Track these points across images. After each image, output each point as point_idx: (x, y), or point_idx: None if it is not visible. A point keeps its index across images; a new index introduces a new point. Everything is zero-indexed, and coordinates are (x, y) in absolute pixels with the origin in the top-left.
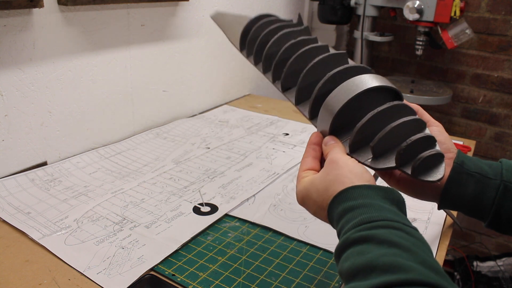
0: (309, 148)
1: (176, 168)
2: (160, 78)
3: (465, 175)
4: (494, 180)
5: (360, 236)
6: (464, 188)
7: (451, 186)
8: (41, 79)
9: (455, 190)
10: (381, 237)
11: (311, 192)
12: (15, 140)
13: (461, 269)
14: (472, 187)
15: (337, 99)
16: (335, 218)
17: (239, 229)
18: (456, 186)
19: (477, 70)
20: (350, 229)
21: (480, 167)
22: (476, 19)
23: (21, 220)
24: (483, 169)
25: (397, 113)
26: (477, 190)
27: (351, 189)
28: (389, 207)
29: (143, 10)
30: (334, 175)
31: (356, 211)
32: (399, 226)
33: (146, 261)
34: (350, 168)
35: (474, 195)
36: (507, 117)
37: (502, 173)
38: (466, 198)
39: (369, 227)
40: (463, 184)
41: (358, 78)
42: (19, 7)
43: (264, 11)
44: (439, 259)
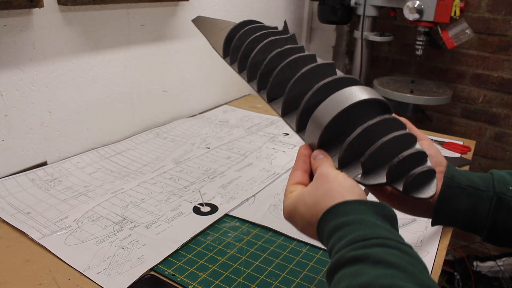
0: (299, 160)
1: (176, 168)
2: (160, 78)
3: (457, 189)
4: (487, 192)
5: (355, 256)
6: (457, 203)
7: (443, 202)
8: (41, 79)
9: (448, 206)
10: (377, 256)
11: (299, 207)
12: (15, 140)
13: (461, 269)
14: (465, 201)
15: (326, 111)
16: (325, 234)
17: (239, 229)
18: (448, 201)
19: (477, 70)
20: (343, 247)
21: (471, 180)
22: (476, 19)
23: (21, 220)
24: (474, 182)
25: (387, 127)
26: (470, 204)
27: (343, 204)
28: (382, 223)
29: (143, 10)
30: (324, 189)
31: (349, 227)
32: (394, 245)
33: (146, 261)
34: (341, 182)
35: (467, 209)
36: (507, 117)
37: (494, 185)
38: (460, 213)
39: (363, 245)
40: (455, 198)
41: (347, 90)
42: (19, 7)
43: (264, 11)
44: (439, 259)
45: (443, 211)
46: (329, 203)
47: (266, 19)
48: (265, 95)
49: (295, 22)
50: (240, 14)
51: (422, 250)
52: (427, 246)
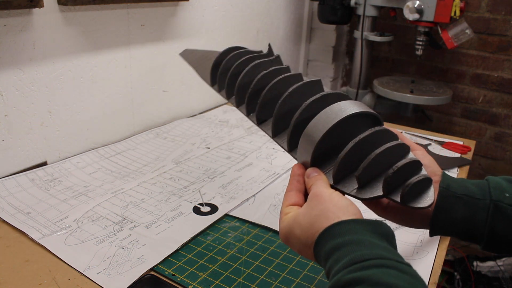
0: (293, 180)
1: (176, 168)
2: (160, 78)
3: (453, 199)
4: (483, 201)
5: (353, 278)
6: (453, 213)
7: (440, 212)
8: (41, 79)
9: (445, 216)
10: (375, 278)
11: (294, 229)
12: (15, 140)
13: (461, 269)
14: (461, 210)
15: (317, 128)
16: (322, 257)
17: (239, 229)
18: (445, 211)
19: (477, 70)
20: (340, 270)
21: (467, 188)
22: (476, 19)
23: (21, 220)
24: (470, 190)
25: (379, 139)
26: (467, 213)
27: (338, 224)
28: (379, 242)
29: (143, 10)
30: (319, 210)
31: (345, 248)
32: (392, 264)
33: (146, 261)
34: (335, 202)
35: (464, 218)
36: (507, 117)
37: (490, 192)
38: (457, 222)
39: (360, 267)
40: (451, 208)
41: (336, 106)
42: (19, 7)
43: (264, 11)
44: (439, 259)
45: (440, 221)
46: (324, 224)
47: (266, 19)
48: (254, 118)
49: (295, 22)
50: (240, 14)
51: (422, 250)
52: (427, 246)
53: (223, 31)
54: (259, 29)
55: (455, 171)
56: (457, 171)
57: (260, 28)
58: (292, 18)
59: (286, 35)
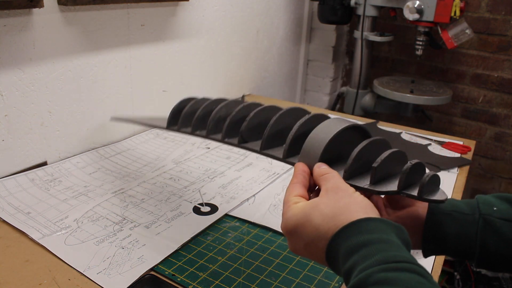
0: (299, 175)
1: (176, 168)
2: (160, 78)
3: (442, 215)
4: (472, 215)
5: (385, 278)
6: (444, 228)
7: (430, 229)
8: (41, 79)
9: (435, 232)
10: (407, 284)
11: (312, 217)
12: (15, 140)
13: (461, 269)
14: (452, 226)
15: (322, 136)
16: (343, 251)
17: (239, 229)
18: (436, 227)
19: (477, 70)
20: (370, 266)
21: (455, 205)
22: (476, 19)
23: (21, 220)
24: (459, 207)
25: (383, 145)
26: (457, 229)
27: (366, 220)
28: (403, 247)
29: (143, 10)
30: (344, 202)
31: (375, 246)
32: (421, 272)
33: (146, 261)
34: (360, 199)
35: (455, 234)
36: (507, 117)
37: (479, 207)
38: (449, 238)
39: (394, 267)
40: (441, 225)
41: (335, 119)
42: (19, 7)
43: (264, 11)
44: (439, 259)
45: (431, 238)
46: (350, 218)
47: (266, 19)
48: (235, 140)
49: (295, 22)
50: (240, 14)
51: None
52: None
53: (223, 31)
54: (259, 29)
55: (455, 171)
56: (457, 171)
57: (260, 28)
58: (292, 18)
59: (286, 35)
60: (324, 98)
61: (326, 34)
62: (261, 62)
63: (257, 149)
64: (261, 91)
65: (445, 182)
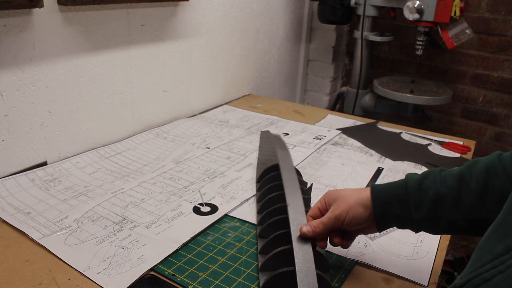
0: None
1: (176, 168)
2: (160, 78)
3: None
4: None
5: None
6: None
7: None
8: (41, 79)
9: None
10: None
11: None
12: (15, 140)
13: (461, 269)
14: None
15: None
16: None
17: (239, 229)
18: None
19: (477, 70)
20: None
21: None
22: (476, 19)
23: (21, 220)
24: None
25: None
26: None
27: None
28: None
29: (143, 10)
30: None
31: None
32: None
33: (146, 261)
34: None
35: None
36: (507, 117)
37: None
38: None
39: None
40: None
41: None
42: (19, 7)
43: (264, 11)
44: (439, 259)
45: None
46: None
47: (266, 19)
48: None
49: (295, 22)
50: (240, 14)
51: (422, 250)
52: (427, 246)
53: (223, 31)
54: (259, 29)
55: None
56: None
57: (260, 28)
58: (292, 18)
59: (286, 35)
60: (324, 98)
61: (326, 34)
62: (261, 62)
63: None
64: (261, 91)
65: None
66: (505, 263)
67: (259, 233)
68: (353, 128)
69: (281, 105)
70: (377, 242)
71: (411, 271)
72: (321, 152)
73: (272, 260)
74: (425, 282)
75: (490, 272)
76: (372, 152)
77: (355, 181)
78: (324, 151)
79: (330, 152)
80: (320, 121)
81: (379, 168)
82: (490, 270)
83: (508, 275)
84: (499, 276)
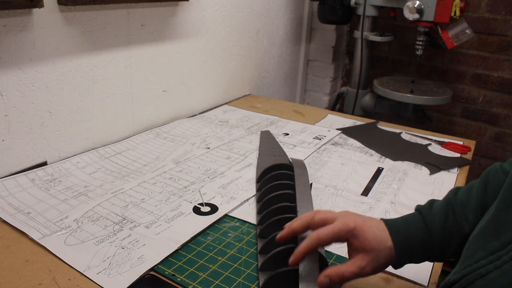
0: None
1: (176, 168)
2: (160, 78)
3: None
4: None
5: None
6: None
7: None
8: (41, 79)
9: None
10: None
11: None
12: (15, 140)
13: None
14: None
15: None
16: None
17: (239, 229)
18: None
19: (477, 70)
20: None
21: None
22: (476, 19)
23: (21, 220)
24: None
25: None
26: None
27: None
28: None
29: (143, 10)
30: None
31: None
32: None
33: (146, 261)
34: None
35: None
36: (507, 117)
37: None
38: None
39: None
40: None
41: None
42: (19, 7)
43: (264, 11)
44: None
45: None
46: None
47: (266, 19)
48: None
49: (295, 22)
50: (240, 14)
51: None
52: None
53: (223, 31)
54: (259, 29)
55: (455, 171)
56: (457, 171)
57: (260, 28)
58: (292, 18)
59: (286, 35)
60: (324, 98)
61: (326, 34)
62: (261, 62)
63: None
64: (261, 91)
65: (445, 182)
66: (501, 258)
67: (259, 233)
68: (353, 128)
69: (281, 105)
70: None
71: (411, 271)
72: (321, 152)
73: (272, 260)
74: (425, 282)
75: (486, 268)
76: (372, 152)
77: (355, 181)
78: (324, 151)
79: (330, 152)
80: (320, 121)
81: (379, 168)
82: (486, 266)
83: (504, 270)
84: (495, 271)
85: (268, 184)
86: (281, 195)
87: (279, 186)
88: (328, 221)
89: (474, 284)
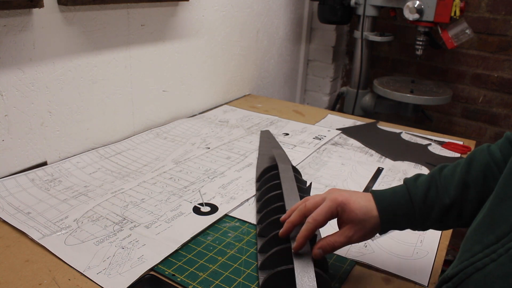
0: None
1: (176, 168)
2: (160, 78)
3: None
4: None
5: None
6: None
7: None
8: (41, 79)
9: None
10: None
11: None
12: (15, 140)
13: None
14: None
15: None
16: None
17: (239, 229)
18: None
19: (477, 70)
20: None
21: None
22: (476, 19)
23: (21, 220)
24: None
25: None
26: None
27: None
28: None
29: (143, 10)
30: None
31: None
32: None
33: (146, 261)
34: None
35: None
36: (507, 117)
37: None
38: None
39: None
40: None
41: None
42: (19, 7)
43: (264, 11)
44: (439, 259)
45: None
46: None
47: (266, 19)
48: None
49: (295, 22)
50: (240, 14)
51: (422, 250)
52: (427, 246)
53: (223, 31)
54: (259, 29)
55: None
56: None
57: (260, 28)
58: (292, 18)
59: (286, 35)
60: (324, 98)
61: (326, 34)
62: (261, 62)
63: None
64: (261, 91)
65: None
66: (497, 251)
67: (258, 232)
68: (353, 128)
69: (281, 105)
70: (377, 242)
71: (411, 271)
72: (321, 152)
73: (271, 259)
74: (425, 282)
75: (482, 261)
76: (372, 152)
77: (355, 181)
78: (324, 151)
79: (330, 152)
80: (320, 121)
81: (379, 168)
82: (482, 259)
83: (500, 263)
84: (491, 264)
85: (267, 184)
86: (280, 194)
87: (279, 185)
88: (318, 204)
89: (471, 278)
